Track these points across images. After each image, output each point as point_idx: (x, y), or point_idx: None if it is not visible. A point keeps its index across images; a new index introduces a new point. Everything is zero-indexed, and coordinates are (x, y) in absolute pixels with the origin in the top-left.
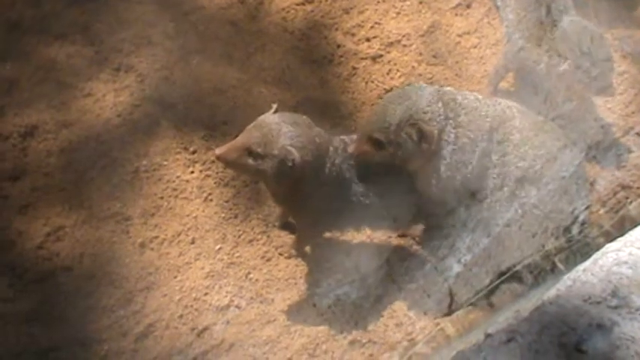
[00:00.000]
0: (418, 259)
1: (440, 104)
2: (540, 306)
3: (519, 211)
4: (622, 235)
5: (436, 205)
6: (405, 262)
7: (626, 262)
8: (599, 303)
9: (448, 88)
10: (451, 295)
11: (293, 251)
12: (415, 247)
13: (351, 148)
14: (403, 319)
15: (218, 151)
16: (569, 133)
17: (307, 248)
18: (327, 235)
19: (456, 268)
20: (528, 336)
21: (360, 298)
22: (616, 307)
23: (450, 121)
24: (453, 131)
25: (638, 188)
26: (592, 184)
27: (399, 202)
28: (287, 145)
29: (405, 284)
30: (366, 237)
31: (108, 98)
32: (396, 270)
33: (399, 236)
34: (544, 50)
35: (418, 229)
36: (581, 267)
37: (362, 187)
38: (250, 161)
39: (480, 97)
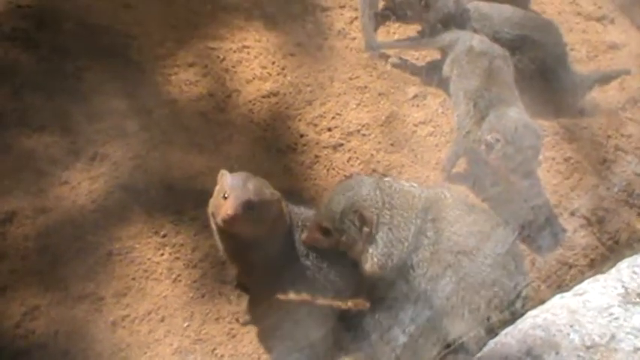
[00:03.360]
0: (364, 329)
1: (377, 191)
2: None
3: (460, 284)
4: None
5: (378, 281)
6: (351, 331)
7: (540, 326)
8: None
9: (387, 179)
10: None
11: (247, 317)
12: (360, 316)
13: (303, 236)
14: None
15: None
16: (501, 213)
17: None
18: (279, 300)
19: (402, 339)
20: None
21: None
22: None
23: (386, 205)
24: (388, 213)
25: (582, 266)
26: (532, 262)
27: (341, 273)
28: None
29: (353, 352)
30: (312, 305)
31: (83, 186)
32: (343, 338)
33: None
34: (476, 139)
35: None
36: (504, 331)
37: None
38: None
39: (416, 185)
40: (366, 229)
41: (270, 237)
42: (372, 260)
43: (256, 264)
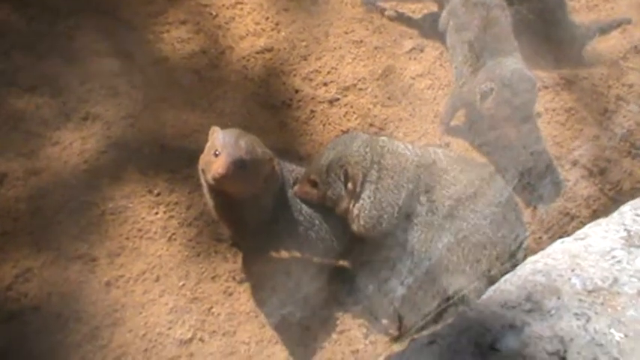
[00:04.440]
0: (360, 281)
1: (368, 149)
2: (462, 312)
3: (459, 235)
4: None
5: (367, 241)
6: (347, 284)
7: (540, 271)
8: (514, 307)
9: (382, 137)
10: (399, 318)
11: (244, 275)
12: (356, 270)
13: (295, 189)
14: (358, 346)
15: None
16: (498, 159)
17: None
18: (274, 257)
19: (400, 291)
20: (448, 338)
21: (306, 319)
22: (529, 311)
23: (375, 165)
24: (376, 173)
25: (584, 217)
26: (534, 213)
27: (333, 232)
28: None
29: (350, 306)
30: (309, 261)
31: (75, 146)
32: (339, 291)
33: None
34: (471, 89)
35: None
36: (503, 278)
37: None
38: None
39: (411, 146)
40: (350, 186)
41: (261, 195)
42: (358, 222)
43: (247, 222)
